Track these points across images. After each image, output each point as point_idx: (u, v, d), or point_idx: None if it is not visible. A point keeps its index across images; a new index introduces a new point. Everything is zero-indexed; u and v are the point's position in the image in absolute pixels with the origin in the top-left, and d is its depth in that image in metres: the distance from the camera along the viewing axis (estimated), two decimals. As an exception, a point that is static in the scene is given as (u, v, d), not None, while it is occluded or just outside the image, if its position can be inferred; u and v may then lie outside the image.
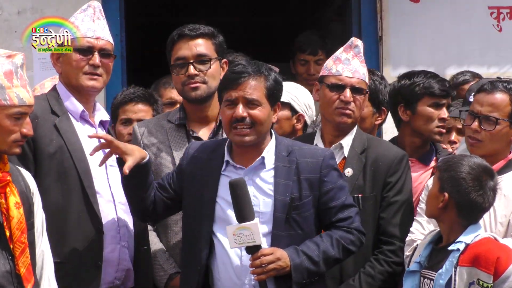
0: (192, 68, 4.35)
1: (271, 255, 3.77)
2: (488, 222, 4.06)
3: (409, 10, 6.60)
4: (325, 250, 3.85)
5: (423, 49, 6.59)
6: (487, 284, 3.68)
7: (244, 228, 3.72)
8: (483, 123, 4.11)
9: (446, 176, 3.84)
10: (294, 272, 3.79)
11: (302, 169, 3.89)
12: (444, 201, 3.83)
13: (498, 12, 6.63)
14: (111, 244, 4.10)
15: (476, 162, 3.87)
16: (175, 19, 7.88)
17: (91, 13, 4.18)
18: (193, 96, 4.37)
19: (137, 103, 5.05)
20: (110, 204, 4.13)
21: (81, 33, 4.14)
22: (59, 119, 4.08)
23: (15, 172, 3.71)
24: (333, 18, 8.29)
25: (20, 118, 3.63)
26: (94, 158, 4.06)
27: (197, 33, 4.39)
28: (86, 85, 4.14)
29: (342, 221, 3.93)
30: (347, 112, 4.33)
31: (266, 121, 3.87)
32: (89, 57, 4.14)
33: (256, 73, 3.86)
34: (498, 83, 4.16)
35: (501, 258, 3.71)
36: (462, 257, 3.74)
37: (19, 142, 3.67)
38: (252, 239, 3.72)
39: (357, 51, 4.39)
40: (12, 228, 3.55)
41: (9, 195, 3.58)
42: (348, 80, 4.35)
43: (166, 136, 4.42)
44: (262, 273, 3.75)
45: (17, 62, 3.63)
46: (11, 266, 3.56)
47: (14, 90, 3.60)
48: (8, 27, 6.34)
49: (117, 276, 4.16)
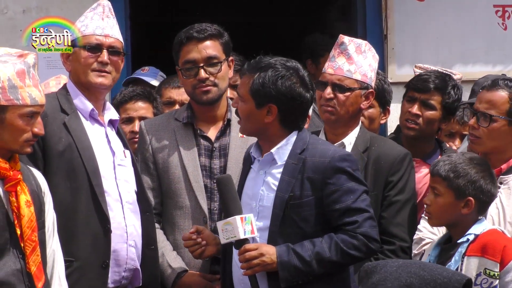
0: (203, 72, 4.32)
1: (255, 251, 3.77)
2: (497, 221, 4.07)
3: (414, 9, 6.60)
4: (320, 251, 3.78)
5: (428, 48, 6.60)
6: (494, 272, 3.70)
7: (228, 224, 3.76)
8: (480, 120, 4.12)
9: (463, 182, 3.85)
10: (281, 269, 3.77)
11: (307, 168, 3.85)
12: (471, 205, 3.86)
13: (503, 10, 6.63)
14: (118, 243, 4.09)
15: (472, 157, 3.94)
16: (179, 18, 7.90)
17: (101, 12, 4.18)
18: (204, 100, 4.35)
19: (137, 101, 5.05)
20: (118, 204, 4.12)
21: (90, 30, 4.14)
22: (68, 118, 4.08)
23: (26, 171, 3.71)
24: (337, 18, 8.29)
25: (32, 117, 3.63)
26: (103, 156, 4.07)
27: (205, 35, 4.35)
28: (94, 81, 4.14)
29: (348, 225, 3.83)
30: (328, 109, 4.33)
31: (248, 116, 3.88)
32: (97, 54, 4.13)
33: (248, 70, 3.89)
34: (500, 80, 4.17)
35: (507, 247, 3.74)
36: (471, 247, 3.77)
37: (31, 142, 3.67)
38: (233, 234, 3.74)
39: (343, 48, 4.35)
40: (23, 227, 3.55)
41: (20, 193, 3.57)
42: (329, 77, 4.33)
43: (174, 135, 4.40)
44: (248, 268, 3.77)
45: (29, 61, 3.63)
46: (21, 265, 3.55)
47: (27, 90, 3.60)
48: (12, 26, 6.34)
49: (125, 276, 4.15)
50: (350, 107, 4.34)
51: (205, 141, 4.39)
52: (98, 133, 4.16)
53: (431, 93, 4.73)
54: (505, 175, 4.13)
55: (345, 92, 4.31)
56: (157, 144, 4.40)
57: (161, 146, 4.39)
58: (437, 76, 4.81)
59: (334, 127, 4.38)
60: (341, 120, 4.35)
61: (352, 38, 4.42)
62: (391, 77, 6.27)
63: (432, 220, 3.95)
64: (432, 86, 4.74)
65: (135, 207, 4.18)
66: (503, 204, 4.08)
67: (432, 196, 3.92)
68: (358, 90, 4.34)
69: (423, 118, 4.72)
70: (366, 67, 4.36)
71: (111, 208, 4.07)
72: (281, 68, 3.85)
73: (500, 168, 4.13)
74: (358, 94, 4.35)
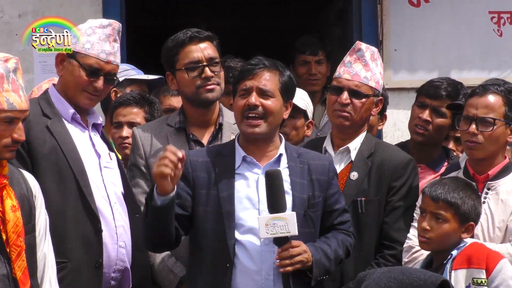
0: (209, 70, 4.35)
1: (299, 247, 3.78)
2: (486, 227, 4.08)
3: (410, 15, 6.60)
4: (336, 249, 3.90)
5: (424, 54, 6.59)
6: (481, 279, 3.72)
7: (279, 219, 3.72)
8: (480, 126, 4.11)
9: (468, 208, 3.86)
10: (315, 267, 3.81)
11: (313, 170, 3.94)
12: (471, 230, 3.90)
13: (498, 17, 6.63)
14: (108, 243, 4.10)
15: (466, 181, 3.98)
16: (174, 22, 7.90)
17: (110, 34, 4.17)
18: (210, 98, 4.37)
19: (127, 106, 5.05)
20: (106, 204, 4.13)
21: (94, 52, 4.13)
22: (51, 121, 4.08)
23: (16, 174, 3.71)
24: (333, 22, 8.30)
25: (11, 123, 3.62)
26: (89, 158, 4.08)
27: (204, 35, 4.41)
28: (82, 102, 4.17)
29: (342, 224, 4.00)
30: (344, 114, 4.34)
31: (278, 113, 3.90)
32: (93, 79, 4.13)
33: (271, 67, 3.91)
34: (489, 85, 4.16)
35: (490, 254, 3.79)
36: (456, 261, 3.78)
37: (11, 148, 3.65)
38: (287, 230, 3.71)
39: (360, 54, 4.39)
40: (8, 232, 3.55)
41: (5, 198, 3.57)
42: (346, 83, 4.35)
43: (166, 140, 4.41)
44: (290, 265, 3.75)
45: (9, 66, 3.62)
46: (7, 270, 3.55)
47: (4, 95, 3.59)
48: (9, 30, 6.35)
49: (114, 276, 4.16)
50: (364, 113, 4.38)
51: (197, 146, 4.41)
52: (82, 136, 4.17)
53: (442, 100, 4.75)
54: (492, 181, 4.14)
55: (361, 98, 4.34)
56: (150, 150, 4.41)
57: (154, 151, 4.40)
58: (449, 84, 4.83)
59: (344, 133, 4.40)
60: (354, 126, 4.38)
61: (368, 45, 4.46)
62: (387, 83, 6.25)
63: (431, 245, 3.89)
64: (444, 93, 4.76)
65: (124, 209, 4.19)
66: (491, 209, 4.08)
67: (432, 222, 3.88)
68: (372, 97, 4.38)
69: (433, 125, 4.74)
70: (378, 74, 4.41)
71: (100, 209, 4.08)
72: (285, 67, 3.98)
73: (487, 174, 4.14)
74: (372, 101, 4.40)
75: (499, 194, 4.10)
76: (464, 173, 4.22)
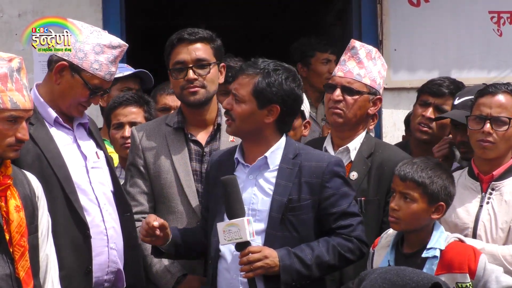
0: (192, 72, 4.34)
1: (258, 253, 3.77)
2: (489, 228, 4.07)
3: (410, 14, 6.60)
4: (319, 255, 3.84)
5: (424, 53, 6.59)
6: (466, 284, 3.71)
7: (232, 225, 3.74)
8: (495, 125, 4.09)
9: (437, 188, 3.83)
10: (283, 272, 3.79)
11: (305, 172, 3.90)
12: (441, 210, 3.87)
13: (498, 16, 6.63)
14: (99, 247, 4.09)
15: (437, 161, 3.96)
16: (175, 22, 7.89)
17: (117, 55, 4.16)
18: (191, 101, 4.36)
19: (126, 106, 5.04)
20: (95, 207, 4.11)
21: (101, 73, 4.11)
22: (33, 128, 4.03)
23: (19, 175, 3.71)
24: (333, 23, 8.30)
25: (15, 122, 3.62)
26: (74, 162, 4.07)
27: (196, 37, 4.38)
28: (74, 114, 4.18)
29: (342, 228, 3.92)
30: (336, 111, 4.34)
31: (246, 117, 3.89)
32: (92, 96, 4.14)
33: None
34: (500, 85, 4.16)
35: (470, 255, 3.76)
36: (437, 268, 3.75)
37: (15, 147, 3.65)
38: (239, 236, 3.73)
39: (354, 52, 4.39)
40: (11, 232, 3.55)
41: (9, 198, 3.58)
42: (339, 80, 4.36)
43: (165, 140, 4.42)
44: (250, 270, 3.76)
45: (13, 65, 3.62)
46: (11, 270, 3.56)
47: (8, 94, 3.59)
48: (8, 30, 6.35)
49: (107, 279, 4.15)
50: (358, 110, 4.36)
51: (196, 146, 4.41)
52: (66, 139, 4.15)
53: (445, 98, 4.78)
54: (497, 181, 4.13)
55: (354, 95, 4.34)
56: (149, 149, 4.41)
57: (152, 151, 4.41)
58: (451, 82, 4.87)
59: (341, 131, 4.40)
60: (348, 124, 4.37)
61: (363, 44, 4.48)
62: (386, 82, 6.23)
63: (400, 225, 3.87)
64: (447, 91, 4.79)
65: (114, 209, 4.18)
66: (495, 210, 4.08)
67: (401, 201, 3.86)
68: (366, 94, 4.37)
69: (437, 123, 4.75)
70: (375, 73, 4.40)
71: (89, 213, 4.07)
72: (283, 69, 3.91)
73: (492, 174, 4.13)
74: (366, 98, 4.38)
75: (503, 195, 4.09)
76: (468, 173, 4.22)
